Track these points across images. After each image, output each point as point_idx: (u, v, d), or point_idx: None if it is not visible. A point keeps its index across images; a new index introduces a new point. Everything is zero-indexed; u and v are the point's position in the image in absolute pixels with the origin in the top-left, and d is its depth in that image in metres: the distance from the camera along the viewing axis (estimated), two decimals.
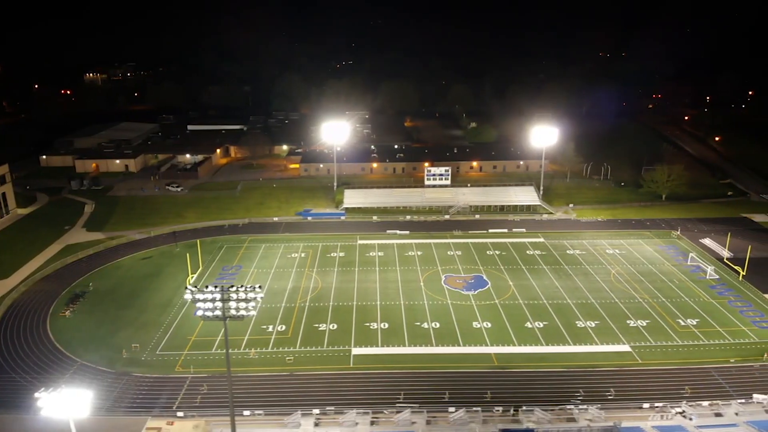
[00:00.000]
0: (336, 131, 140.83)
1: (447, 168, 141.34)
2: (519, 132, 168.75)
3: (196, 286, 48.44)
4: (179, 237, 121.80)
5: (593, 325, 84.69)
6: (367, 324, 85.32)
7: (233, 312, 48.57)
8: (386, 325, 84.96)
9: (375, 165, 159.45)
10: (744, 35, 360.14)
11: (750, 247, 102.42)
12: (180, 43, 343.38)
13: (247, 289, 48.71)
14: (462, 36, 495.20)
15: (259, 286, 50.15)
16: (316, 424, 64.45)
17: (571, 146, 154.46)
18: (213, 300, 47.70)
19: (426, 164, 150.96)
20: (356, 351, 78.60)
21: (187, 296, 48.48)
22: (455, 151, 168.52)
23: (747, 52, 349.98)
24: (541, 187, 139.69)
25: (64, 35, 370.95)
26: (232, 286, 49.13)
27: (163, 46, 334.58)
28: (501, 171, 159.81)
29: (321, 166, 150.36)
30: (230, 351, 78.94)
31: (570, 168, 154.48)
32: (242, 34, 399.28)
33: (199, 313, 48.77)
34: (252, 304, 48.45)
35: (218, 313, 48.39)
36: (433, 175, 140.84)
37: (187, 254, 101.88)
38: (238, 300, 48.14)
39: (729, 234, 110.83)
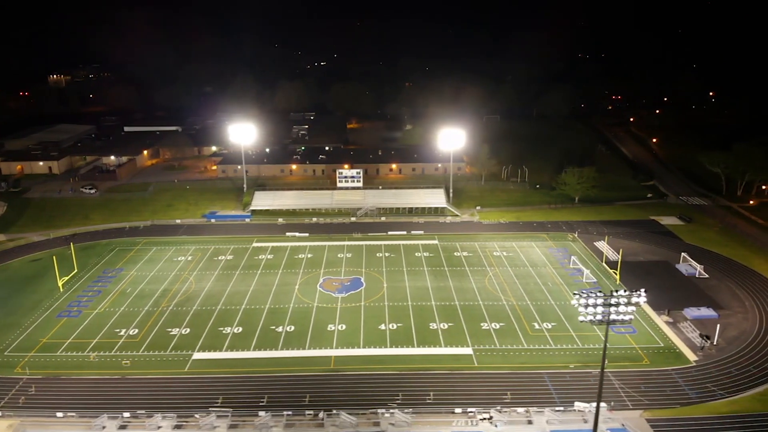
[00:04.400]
0: (243, 133, 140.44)
1: (359, 170, 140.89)
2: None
3: None
4: (80, 239, 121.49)
5: (445, 327, 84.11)
6: (221, 328, 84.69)
7: None
8: (240, 330, 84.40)
9: (295, 167, 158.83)
10: (707, 36, 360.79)
11: (621, 250, 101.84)
12: (147, 45, 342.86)
13: None
14: (436, 36, 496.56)
15: None
16: (124, 427, 64.16)
17: (485, 149, 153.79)
18: None
19: (346, 166, 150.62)
20: (197, 356, 77.96)
21: None
22: (380, 153, 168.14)
23: (709, 52, 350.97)
24: (451, 190, 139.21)
25: (32, 37, 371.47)
26: None
27: (128, 48, 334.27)
28: (420, 173, 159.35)
29: (239, 167, 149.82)
30: (72, 353, 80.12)
31: (487, 170, 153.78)
32: (212, 35, 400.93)
33: None
34: None
35: None
36: (345, 177, 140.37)
37: (54, 258, 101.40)
38: None
39: (607, 237, 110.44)
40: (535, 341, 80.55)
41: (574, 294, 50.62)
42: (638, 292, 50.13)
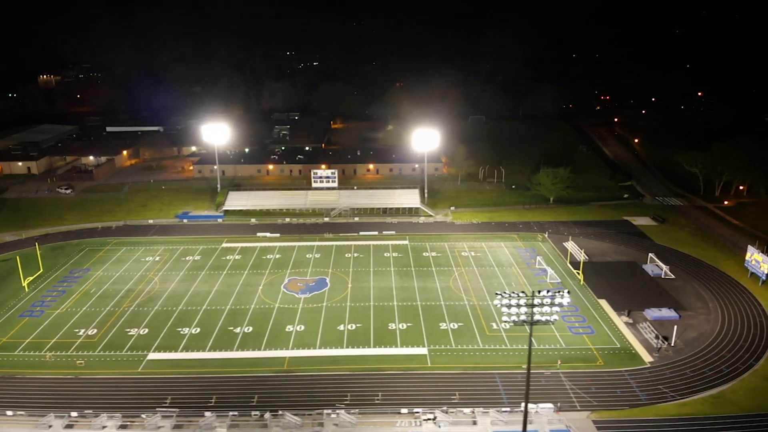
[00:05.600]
0: (217, 133, 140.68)
1: (334, 171, 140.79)
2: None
3: None
4: (52, 239, 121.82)
5: (404, 327, 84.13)
6: (180, 329, 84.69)
7: None
8: (198, 330, 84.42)
9: (271, 167, 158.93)
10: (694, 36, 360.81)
11: (584, 250, 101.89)
12: (136, 45, 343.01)
13: None
14: (430, 36, 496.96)
15: None
16: (70, 426, 64.32)
17: (461, 149, 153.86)
18: None
19: (323, 166, 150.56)
20: (152, 356, 77.98)
21: None
22: (358, 154, 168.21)
23: (702, 51, 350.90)
24: (426, 190, 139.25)
25: (22, 37, 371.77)
26: None
27: (118, 48, 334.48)
28: (397, 173, 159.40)
29: (215, 167, 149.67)
30: (29, 353, 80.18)
31: (464, 171, 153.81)
32: (203, 35, 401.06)
33: None
34: None
35: None
36: (320, 177, 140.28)
37: (17, 257, 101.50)
38: None
39: (570, 237, 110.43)
40: (491, 341, 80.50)
41: (496, 294, 50.72)
42: (561, 293, 50.12)
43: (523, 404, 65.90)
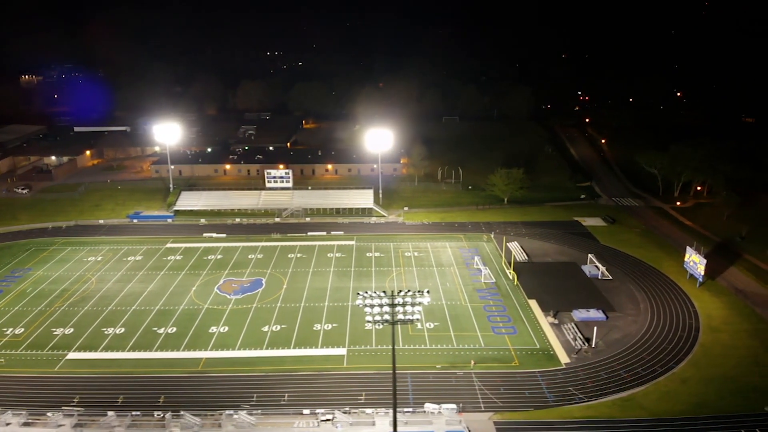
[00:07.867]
0: (168, 133, 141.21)
1: (288, 170, 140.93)
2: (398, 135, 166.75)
3: None
4: (1, 239, 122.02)
5: (329, 328, 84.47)
6: (104, 329, 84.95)
7: None
8: (122, 330, 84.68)
9: (229, 167, 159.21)
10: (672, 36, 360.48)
11: (513, 253, 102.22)
12: (121, 45, 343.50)
13: None
14: (421, 36, 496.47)
15: None
16: None
17: (417, 150, 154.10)
18: None
19: (281, 166, 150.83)
20: (72, 356, 78.27)
21: None
22: (319, 154, 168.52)
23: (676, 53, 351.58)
24: (380, 191, 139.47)
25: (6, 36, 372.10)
26: None
27: (101, 47, 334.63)
28: (355, 174, 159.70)
29: (172, 167, 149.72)
30: None
31: (423, 171, 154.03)
32: (191, 34, 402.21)
33: None
34: None
35: None
36: (274, 177, 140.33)
37: None
38: None
39: (504, 237, 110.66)
40: (413, 341, 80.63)
41: (358, 294, 50.99)
42: (422, 292, 50.48)
43: (426, 404, 66.94)
